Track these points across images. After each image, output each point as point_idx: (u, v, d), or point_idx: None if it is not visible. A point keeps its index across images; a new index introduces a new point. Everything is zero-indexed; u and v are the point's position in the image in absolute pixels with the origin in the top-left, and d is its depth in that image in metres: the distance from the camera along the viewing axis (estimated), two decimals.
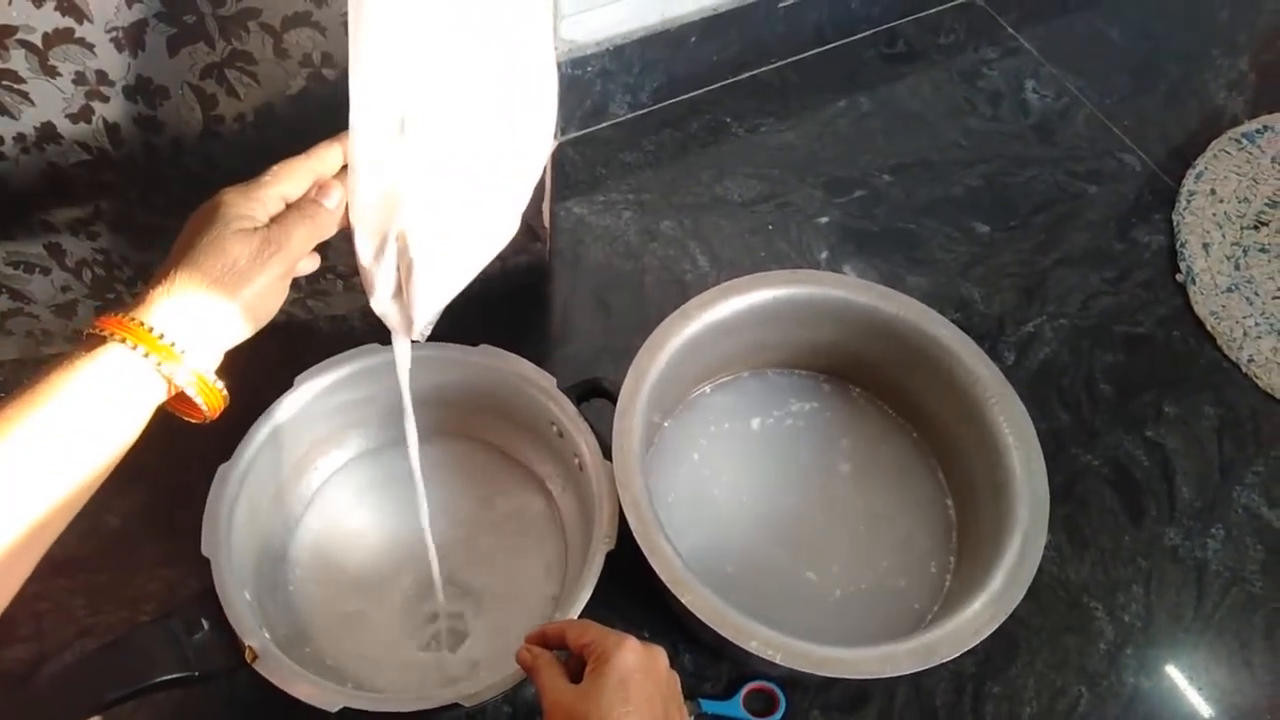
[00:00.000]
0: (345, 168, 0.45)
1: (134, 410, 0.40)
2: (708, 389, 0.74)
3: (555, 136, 0.91)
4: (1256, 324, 0.85)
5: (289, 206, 0.44)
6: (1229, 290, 0.87)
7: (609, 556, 0.57)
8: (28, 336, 0.71)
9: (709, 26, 0.91)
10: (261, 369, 0.58)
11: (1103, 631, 0.69)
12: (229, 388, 0.44)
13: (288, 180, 0.44)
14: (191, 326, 0.40)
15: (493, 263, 0.55)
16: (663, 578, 0.55)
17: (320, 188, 0.44)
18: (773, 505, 0.69)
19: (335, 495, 0.69)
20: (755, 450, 0.71)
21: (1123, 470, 0.77)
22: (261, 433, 0.60)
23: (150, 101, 0.55)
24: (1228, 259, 0.90)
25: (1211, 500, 0.76)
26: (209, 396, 0.41)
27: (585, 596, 0.56)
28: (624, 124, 0.95)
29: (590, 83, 0.89)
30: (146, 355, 0.39)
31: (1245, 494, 0.77)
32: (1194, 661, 0.69)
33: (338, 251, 0.65)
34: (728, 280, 0.68)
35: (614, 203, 0.89)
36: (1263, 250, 0.91)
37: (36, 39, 0.50)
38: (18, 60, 0.50)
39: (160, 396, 0.40)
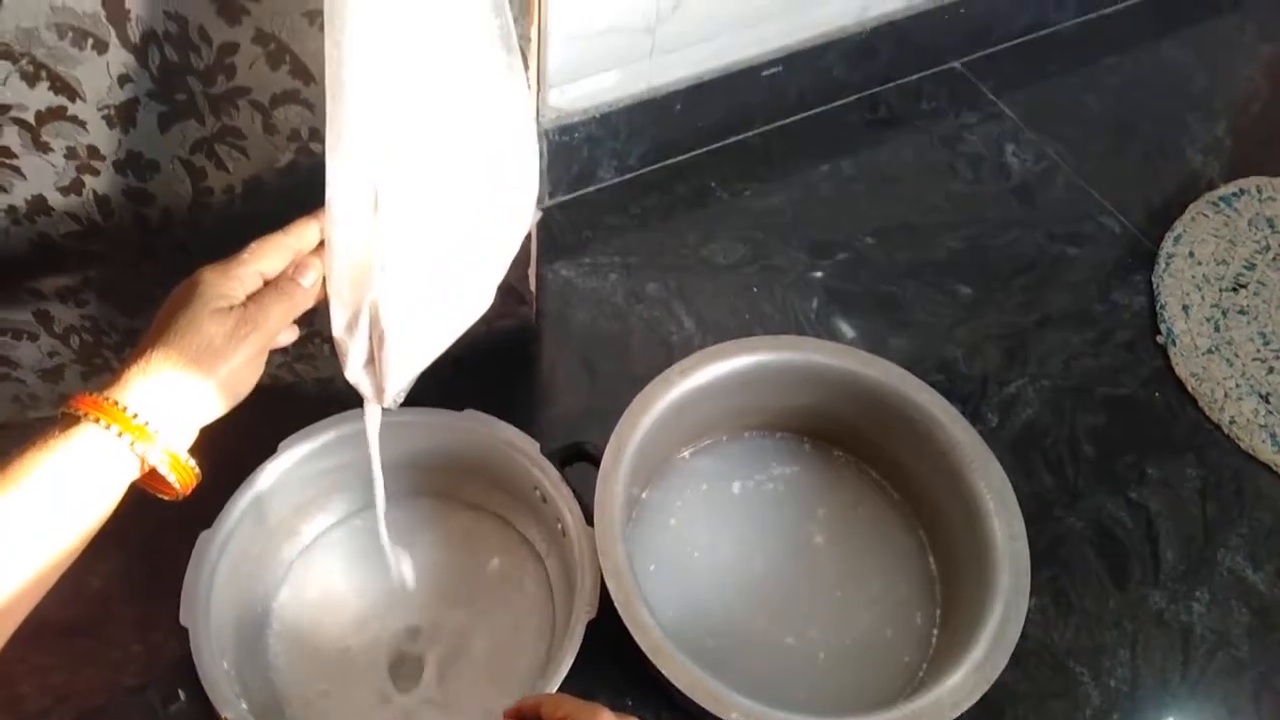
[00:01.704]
0: (323, 243, 0.46)
1: (107, 489, 0.40)
2: (688, 454, 0.74)
3: (542, 201, 0.93)
4: (1237, 385, 0.86)
5: (267, 284, 0.45)
6: (1209, 352, 0.88)
7: (593, 622, 0.57)
8: (14, 401, 0.71)
9: (694, 94, 0.93)
10: (246, 432, 0.58)
11: (1089, 697, 0.69)
12: (214, 448, 0.44)
13: (266, 257, 0.44)
14: (166, 406, 0.41)
15: (479, 326, 0.56)
16: (644, 648, 0.55)
17: (298, 266, 0.45)
18: (751, 571, 0.69)
19: (317, 561, 0.69)
20: (734, 515, 0.72)
21: (1106, 532, 0.77)
22: (243, 500, 0.61)
23: (140, 175, 0.56)
24: (1207, 321, 0.91)
25: (1196, 563, 0.76)
26: (181, 474, 0.42)
27: (566, 666, 0.56)
28: (611, 188, 0.96)
29: (578, 148, 0.91)
30: (120, 435, 0.39)
31: (1229, 556, 0.77)
32: None
33: (324, 317, 0.66)
34: (712, 342, 0.68)
35: (600, 265, 0.90)
36: (1241, 312, 0.92)
37: (29, 116, 0.51)
38: (10, 137, 0.51)
39: (133, 474, 0.41)
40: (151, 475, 0.42)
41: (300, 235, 0.46)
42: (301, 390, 0.77)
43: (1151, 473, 0.81)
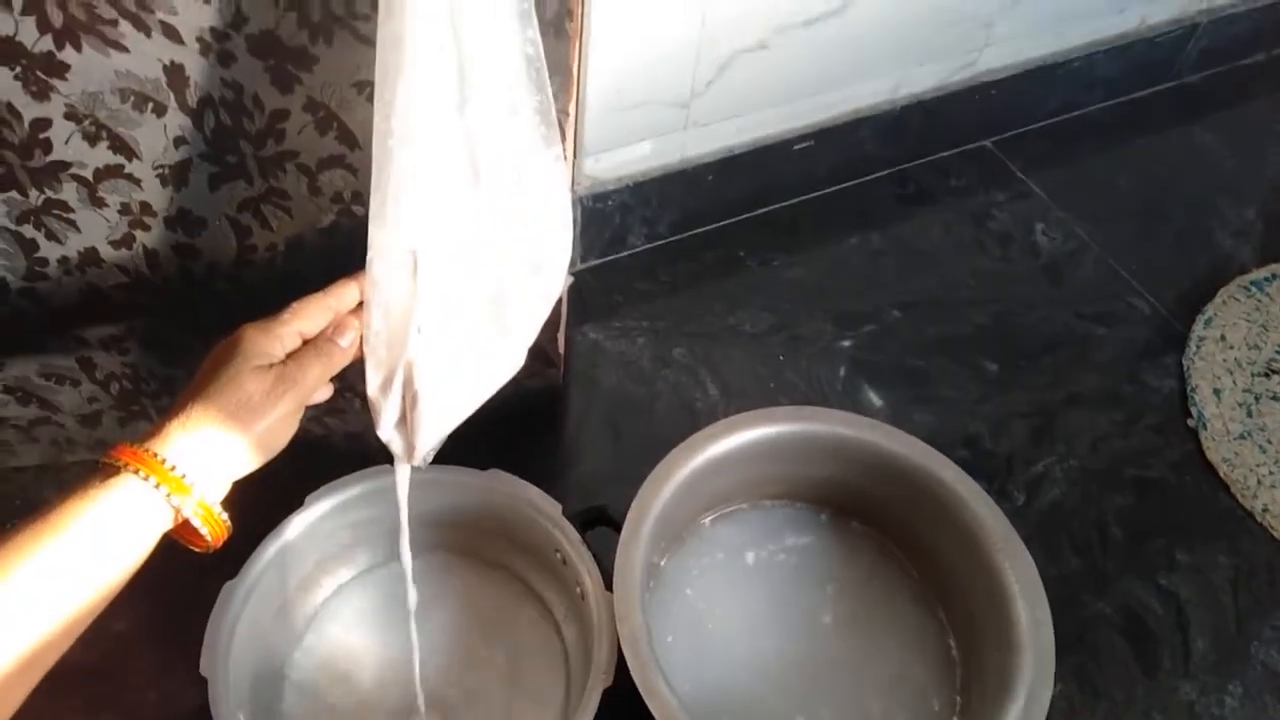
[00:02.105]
0: (361, 304, 0.48)
1: (142, 538, 0.41)
2: (707, 521, 0.74)
3: (574, 265, 0.94)
4: (1270, 472, 0.85)
5: (306, 343, 0.46)
6: (1241, 437, 0.87)
7: (608, 689, 0.57)
8: (52, 444, 0.73)
9: (726, 166, 0.95)
10: (275, 484, 0.59)
11: None
12: (241, 499, 0.45)
13: (307, 317, 0.46)
14: (203, 460, 0.42)
15: (508, 386, 0.57)
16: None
17: (337, 326, 0.47)
18: (763, 645, 0.68)
19: (336, 615, 0.69)
20: (747, 586, 0.71)
21: (1135, 619, 0.76)
22: (269, 551, 0.61)
23: (189, 231, 0.58)
24: (1239, 405, 0.90)
25: (1228, 655, 0.74)
26: (213, 526, 0.43)
27: None
28: (641, 254, 0.98)
29: (610, 215, 0.92)
30: (158, 486, 0.40)
31: (1263, 650, 0.75)
32: None
33: (356, 373, 0.67)
34: (737, 409, 0.69)
35: (629, 329, 0.91)
36: (1274, 398, 0.91)
37: (88, 174, 0.53)
38: (69, 192, 0.54)
39: (167, 525, 0.42)
40: (184, 527, 0.43)
41: (340, 296, 0.47)
42: (330, 444, 0.78)
43: (1182, 559, 0.79)
